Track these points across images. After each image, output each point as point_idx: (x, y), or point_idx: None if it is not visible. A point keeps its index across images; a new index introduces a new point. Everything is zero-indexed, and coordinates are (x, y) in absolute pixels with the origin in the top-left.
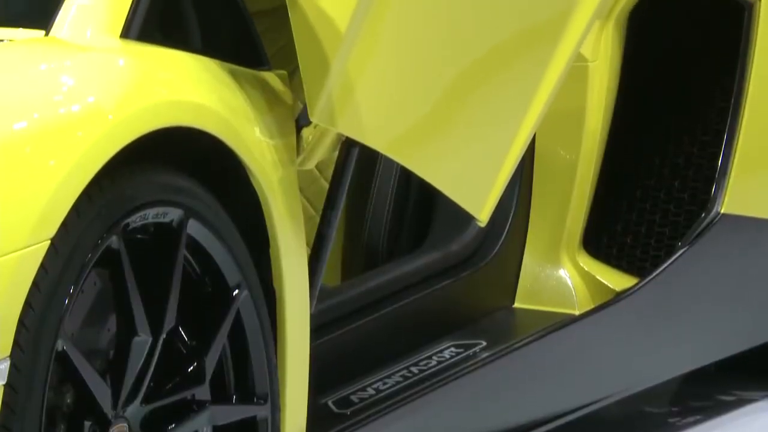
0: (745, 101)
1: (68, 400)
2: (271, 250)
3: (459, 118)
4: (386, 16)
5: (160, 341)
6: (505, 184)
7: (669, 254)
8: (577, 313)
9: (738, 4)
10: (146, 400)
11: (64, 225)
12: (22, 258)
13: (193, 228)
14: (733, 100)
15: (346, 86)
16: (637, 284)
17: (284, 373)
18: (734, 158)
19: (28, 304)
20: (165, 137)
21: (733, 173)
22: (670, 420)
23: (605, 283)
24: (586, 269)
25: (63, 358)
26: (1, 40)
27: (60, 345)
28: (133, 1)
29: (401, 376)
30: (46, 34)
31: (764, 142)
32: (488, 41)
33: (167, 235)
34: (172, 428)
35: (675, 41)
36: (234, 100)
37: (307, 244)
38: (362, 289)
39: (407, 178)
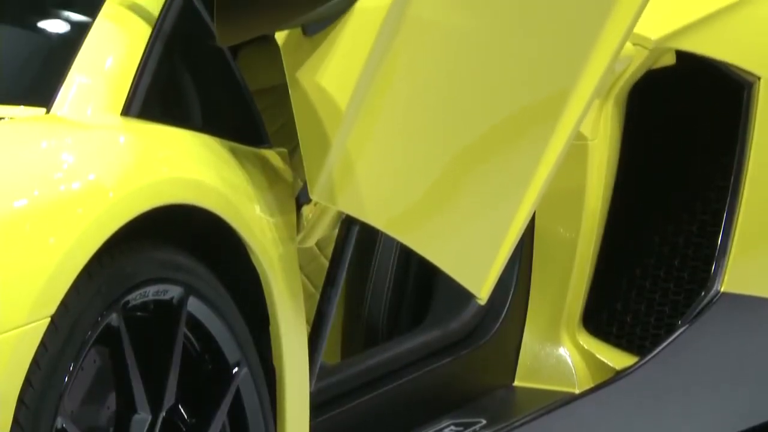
0: (745, 180)
1: None
2: (271, 328)
3: (459, 195)
4: (387, 95)
5: (160, 419)
6: (505, 262)
7: (669, 333)
8: (577, 391)
9: (737, 83)
10: None
11: (64, 302)
12: (22, 335)
13: (193, 305)
14: (732, 178)
15: (346, 164)
16: (637, 363)
17: None
18: (734, 237)
19: (27, 381)
20: (165, 214)
21: (732, 252)
22: None
23: (605, 361)
24: (586, 347)
25: None
26: (2, 118)
27: (60, 422)
28: (133, 80)
29: None
30: (47, 112)
31: (764, 221)
32: (488, 119)
33: (167, 312)
34: None
35: (675, 119)
36: (234, 178)
37: (307, 322)
38: (362, 367)
39: (407, 255)
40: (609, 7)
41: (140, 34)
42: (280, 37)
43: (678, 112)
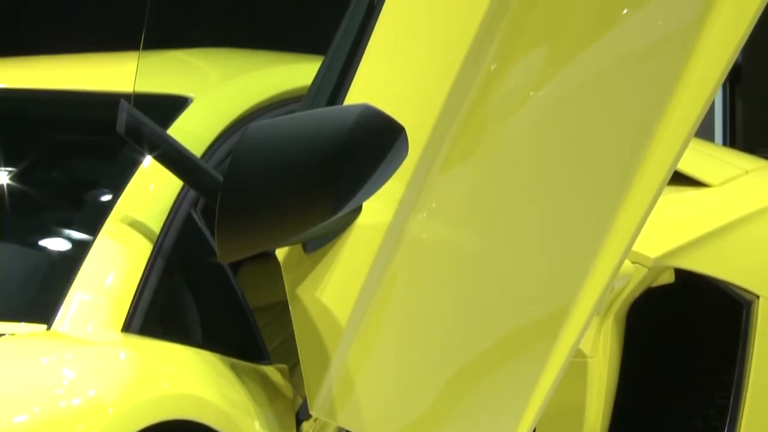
0: (745, 399)
1: None
2: None
3: (459, 411)
4: (386, 311)
5: None
6: None
7: None
8: None
9: (737, 302)
10: None
11: None
12: None
13: None
14: (732, 397)
15: (346, 380)
16: None
17: None
18: None
19: None
20: (166, 429)
21: None
22: None
23: None
24: None
25: None
26: (3, 335)
27: None
28: (134, 296)
29: None
30: (48, 328)
31: None
32: (488, 336)
33: None
34: None
35: (674, 337)
36: (234, 394)
37: None
38: None
39: None
40: (607, 225)
41: (141, 251)
42: (280, 253)
43: (678, 329)
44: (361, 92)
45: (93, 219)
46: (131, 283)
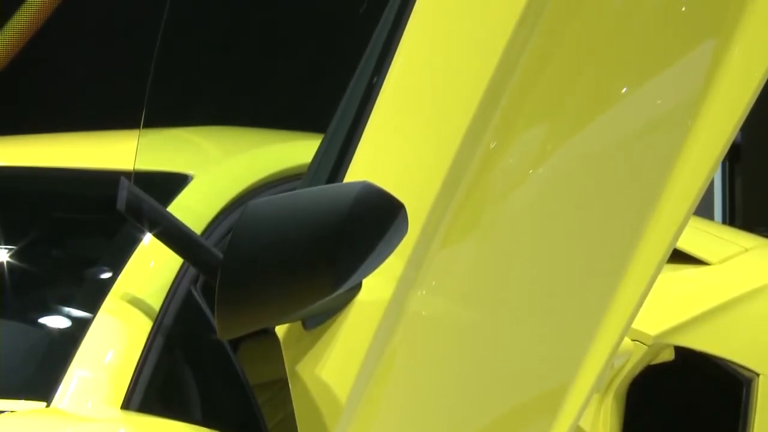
0: None
1: None
2: None
3: None
4: (387, 387)
5: None
6: None
7: None
8: None
9: (737, 380)
10: None
11: None
12: None
13: None
14: None
15: None
16: None
17: None
18: None
19: None
20: None
21: None
22: None
23: None
24: None
25: None
26: (2, 412)
27: None
28: (134, 373)
29: None
30: (48, 405)
31: None
32: (488, 412)
33: None
34: None
35: (675, 414)
36: None
37: None
38: None
39: None
40: (607, 302)
41: (141, 328)
42: (280, 330)
43: (678, 407)
44: (361, 169)
45: (93, 296)
46: (131, 360)
